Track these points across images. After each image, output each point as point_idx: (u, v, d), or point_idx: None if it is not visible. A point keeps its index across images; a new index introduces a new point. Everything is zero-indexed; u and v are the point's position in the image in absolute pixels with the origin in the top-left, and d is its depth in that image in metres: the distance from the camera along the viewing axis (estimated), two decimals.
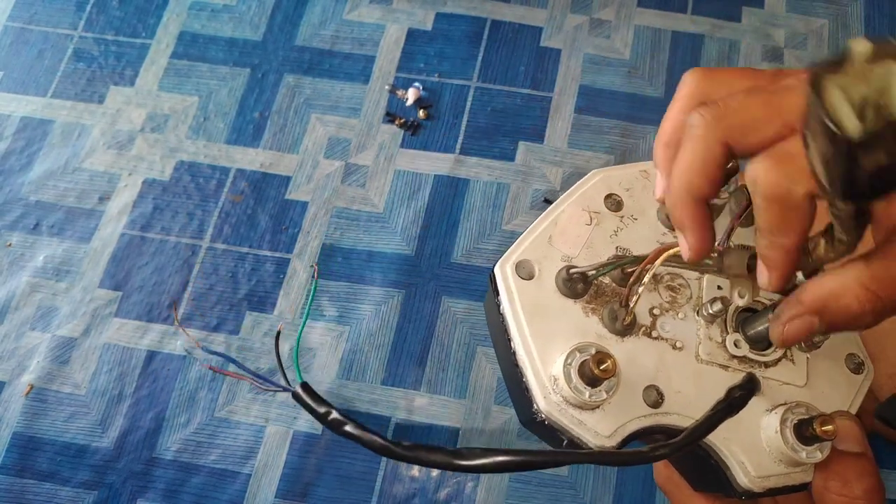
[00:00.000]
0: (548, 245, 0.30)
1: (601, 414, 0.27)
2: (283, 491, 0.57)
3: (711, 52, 0.73)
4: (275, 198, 0.67)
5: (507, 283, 0.29)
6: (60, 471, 0.58)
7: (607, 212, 0.31)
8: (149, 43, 0.74)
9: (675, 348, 0.29)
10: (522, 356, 0.27)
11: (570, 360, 0.26)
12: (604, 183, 0.32)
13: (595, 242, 0.30)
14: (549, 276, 0.29)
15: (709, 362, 0.29)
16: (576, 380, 0.26)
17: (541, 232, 0.30)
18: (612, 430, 0.26)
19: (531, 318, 0.28)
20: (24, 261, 0.66)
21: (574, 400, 0.26)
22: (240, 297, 0.64)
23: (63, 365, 0.62)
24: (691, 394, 0.28)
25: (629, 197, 0.32)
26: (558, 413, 0.26)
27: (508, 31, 0.74)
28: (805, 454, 0.27)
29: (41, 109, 0.72)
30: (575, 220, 0.30)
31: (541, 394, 0.27)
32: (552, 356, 0.27)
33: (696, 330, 0.29)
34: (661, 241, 0.31)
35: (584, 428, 0.26)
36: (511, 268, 0.29)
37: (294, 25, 0.75)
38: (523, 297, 0.28)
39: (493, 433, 0.59)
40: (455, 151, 0.69)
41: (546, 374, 0.27)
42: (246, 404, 0.60)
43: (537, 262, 0.29)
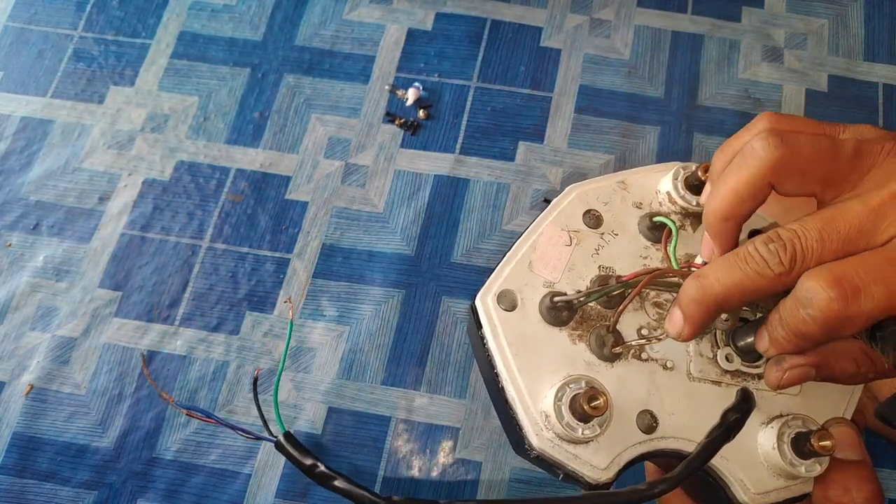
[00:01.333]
0: (528, 272, 0.29)
1: (596, 446, 0.26)
2: (283, 491, 0.58)
3: (711, 53, 0.73)
4: (275, 198, 0.67)
5: (490, 316, 0.28)
6: (60, 471, 0.58)
7: (587, 229, 0.30)
8: (149, 43, 0.74)
9: (665, 368, 0.28)
10: (511, 393, 0.26)
11: (560, 396, 0.25)
12: (580, 199, 0.30)
13: (576, 263, 0.29)
14: (532, 304, 0.28)
15: (701, 379, 0.28)
16: (567, 416, 0.25)
17: (520, 258, 0.29)
18: (608, 462, 0.26)
19: (517, 352, 0.27)
20: (24, 261, 0.66)
21: (566, 436, 0.25)
22: (240, 297, 0.64)
23: (63, 365, 0.62)
24: (685, 414, 0.27)
25: (608, 211, 0.31)
26: (551, 450, 0.26)
27: (508, 31, 0.74)
28: (804, 468, 0.26)
29: (41, 109, 0.72)
30: (554, 241, 0.29)
31: (532, 431, 0.26)
32: (542, 390, 0.26)
33: (685, 347, 0.29)
34: (643, 255, 0.30)
35: (580, 462, 0.26)
36: (493, 299, 0.28)
37: (294, 25, 0.75)
38: (507, 329, 0.27)
39: (493, 432, 0.59)
40: (455, 151, 0.69)
41: (537, 411, 0.26)
42: (246, 404, 0.60)
43: (519, 291, 0.28)
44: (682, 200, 0.30)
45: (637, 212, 0.31)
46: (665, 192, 0.31)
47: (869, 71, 0.72)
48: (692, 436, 0.27)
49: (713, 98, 0.71)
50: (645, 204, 0.31)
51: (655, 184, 0.31)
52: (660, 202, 0.31)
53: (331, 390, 0.60)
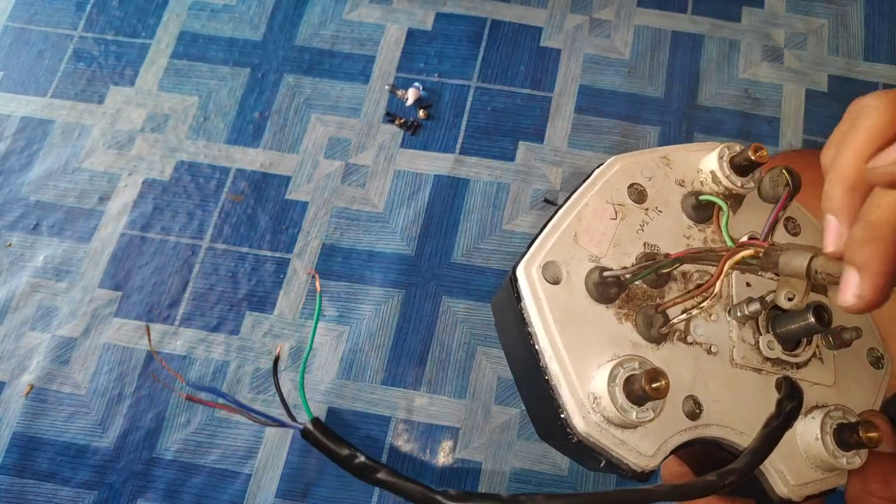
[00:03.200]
0: (573, 244, 0.27)
1: (643, 432, 0.24)
2: (283, 491, 0.57)
3: (711, 52, 0.73)
4: (275, 198, 0.67)
5: (535, 289, 0.25)
6: (61, 471, 0.58)
7: (632, 204, 0.28)
8: (149, 43, 0.74)
9: (709, 353, 0.27)
10: (556, 372, 0.24)
11: (614, 377, 0.23)
12: (625, 171, 0.29)
13: (622, 239, 0.27)
14: (577, 279, 0.26)
15: (743, 366, 0.27)
16: (621, 399, 0.23)
17: (565, 229, 0.27)
18: (654, 449, 0.24)
19: (563, 329, 0.25)
20: (24, 261, 0.66)
21: (618, 420, 0.24)
22: (240, 296, 0.64)
23: (63, 365, 0.62)
24: (728, 401, 0.26)
25: (651, 186, 0.29)
26: (598, 434, 0.24)
27: (508, 31, 0.74)
28: (845, 460, 0.26)
29: (41, 109, 0.72)
30: (599, 214, 0.27)
31: (579, 414, 0.24)
32: (589, 371, 0.24)
33: (728, 332, 0.27)
34: (686, 234, 0.28)
35: (626, 448, 0.24)
36: (537, 271, 0.26)
37: (294, 25, 0.75)
38: (553, 304, 0.25)
39: (493, 432, 0.59)
40: (455, 151, 0.69)
41: (584, 392, 0.24)
42: (247, 404, 0.60)
43: (564, 264, 0.26)
44: (728, 181, 0.28)
45: (679, 189, 0.29)
46: (709, 171, 0.29)
47: (869, 71, 0.72)
48: (735, 424, 0.26)
49: (713, 98, 0.71)
50: (687, 182, 0.30)
51: (697, 162, 0.30)
52: (701, 181, 0.29)
53: (331, 390, 0.60)
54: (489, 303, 0.63)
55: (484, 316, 0.63)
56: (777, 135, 0.69)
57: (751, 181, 0.28)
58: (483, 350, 0.61)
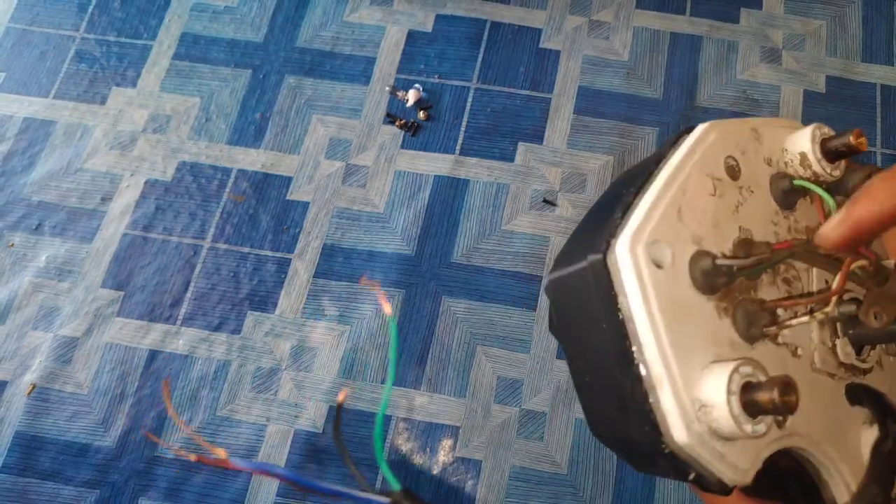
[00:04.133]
0: (677, 222, 0.23)
1: (742, 443, 0.21)
2: (284, 490, 0.58)
3: (710, 54, 0.73)
4: (276, 198, 0.68)
5: (640, 271, 0.21)
6: (63, 470, 0.59)
7: (728, 179, 0.25)
8: (151, 44, 0.75)
9: (794, 355, 0.24)
10: (658, 372, 0.21)
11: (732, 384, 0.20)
12: (722, 142, 0.25)
13: (720, 220, 0.24)
14: (681, 263, 0.22)
15: (821, 371, 0.25)
16: (738, 410, 0.20)
17: (668, 204, 0.23)
18: (750, 462, 0.22)
19: (669, 322, 0.21)
20: (27, 261, 0.66)
21: (728, 432, 0.20)
22: (241, 296, 0.64)
23: (65, 364, 0.62)
24: (810, 409, 0.24)
25: (745, 162, 0.25)
26: (700, 446, 0.20)
27: (508, 33, 0.74)
28: None
29: (43, 110, 0.72)
30: (700, 188, 0.24)
31: (682, 423, 0.20)
32: (692, 374, 0.21)
33: (809, 333, 0.25)
34: (774, 220, 0.25)
35: (725, 462, 0.21)
36: (644, 250, 0.22)
37: (295, 27, 0.75)
38: (659, 291, 0.21)
39: (493, 431, 0.59)
40: (455, 152, 0.69)
41: (689, 397, 0.21)
42: (247, 403, 0.60)
43: (669, 244, 0.22)
44: (818, 165, 0.26)
45: (768, 169, 0.26)
46: (798, 152, 0.26)
47: (867, 72, 0.72)
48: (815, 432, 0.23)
49: (712, 99, 0.71)
50: (773, 161, 0.26)
51: (783, 140, 0.27)
52: (786, 161, 0.26)
53: (332, 389, 0.61)
54: (489, 302, 0.64)
55: (484, 316, 0.63)
56: None
57: (837, 169, 0.26)
58: (483, 349, 0.62)
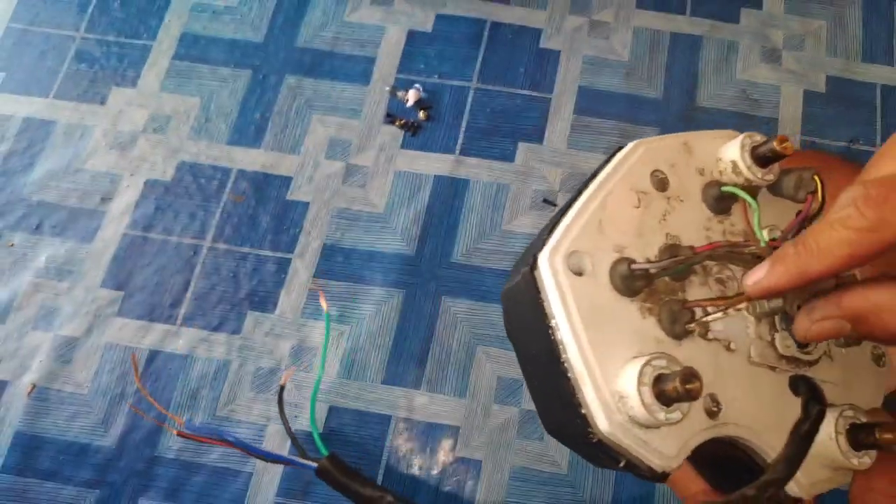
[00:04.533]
0: (598, 233, 0.25)
1: (665, 431, 0.23)
2: (284, 489, 0.58)
3: (710, 54, 0.73)
4: (276, 198, 0.68)
5: (559, 280, 0.24)
6: (62, 470, 0.59)
7: (654, 192, 0.27)
8: (150, 44, 0.75)
9: (728, 350, 0.26)
10: (580, 369, 0.23)
11: (644, 375, 0.22)
12: (648, 157, 0.27)
13: (644, 229, 0.26)
14: (601, 270, 0.25)
15: (759, 364, 0.26)
16: (650, 399, 0.22)
17: (590, 217, 0.25)
18: (677, 450, 0.23)
19: (588, 323, 0.23)
20: (27, 261, 0.66)
21: (644, 420, 0.22)
22: (241, 296, 0.64)
23: (65, 364, 0.62)
24: (745, 400, 0.25)
25: (673, 174, 0.27)
26: (622, 434, 0.23)
27: (508, 33, 0.74)
28: (857, 460, 0.25)
29: (43, 110, 0.72)
30: (623, 202, 0.26)
31: (603, 414, 0.23)
32: (613, 368, 0.23)
33: (745, 328, 0.27)
34: (706, 226, 0.27)
35: (649, 449, 0.23)
36: (562, 261, 0.24)
37: (295, 27, 0.75)
38: (578, 297, 0.24)
39: (493, 431, 0.59)
40: (455, 152, 0.69)
41: (609, 391, 0.23)
42: (247, 403, 0.60)
43: (589, 254, 0.24)
44: (749, 172, 0.27)
45: (700, 179, 0.28)
46: (730, 160, 0.28)
47: (867, 72, 0.72)
48: (752, 422, 0.25)
49: (711, 99, 0.71)
50: (706, 171, 0.28)
51: (717, 150, 0.29)
52: (720, 170, 0.28)
53: (331, 389, 0.61)
54: (489, 302, 0.64)
55: (484, 316, 0.63)
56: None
57: (770, 173, 0.28)
58: (483, 350, 0.62)
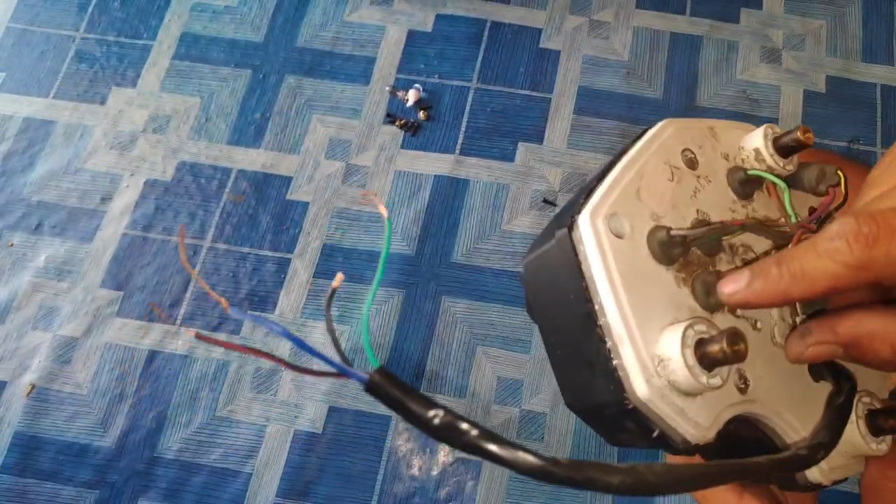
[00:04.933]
0: (636, 199, 0.25)
1: (701, 401, 0.23)
2: (284, 490, 0.58)
3: (710, 54, 0.73)
4: (276, 198, 0.68)
5: (600, 240, 0.24)
6: (62, 470, 0.59)
7: (685, 169, 0.27)
8: (150, 44, 0.75)
9: (754, 329, 0.26)
10: (619, 332, 0.23)
11: (686, 338, 0.22)
12: (679, 136, 0.28)
13: (678, 202, 0.26)
14: (640, 235, 0.25)
15: (782, 345, 0.26)
16: (692, 361, 0.22)
17: (627, 183, 0.26)
18: (711, 420, 0.23)
19: (629, 286, 0.23)
20: (26, 261, 0.66)
21: (685, 386, 0.22)
22: (241, 296, 0.64)
23: (65, 365, 0.62)
24: (771, 379, 0.26)
25: (701, 155, 0.28)
26: (660, 399, 0.22)
27: (508, 33, 0.74)
28: (875, 445, 0.25)
29: (43, 110, 0.72)
30: (659, 173, 0.26)
31: (643, 377, 0.22)
32: (652, 332, 0.23)
33: (769, 310, 0.27)
34: (731, 208, 0.28)
35: (685, 418, 0.22)
36: (603, 221, 0.24)
37: (295, 27, 0.75)
38: (619, 258, 0.24)
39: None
40: (455, 152, 0.69)
41: (648, 354, 0.23)
42: (247, 403, 0.60)
43: (628, 218, 0.25)
44: (771, 160, 0.29)
45: (725, 163, 0.29)
46: (753, 148, 0.29)
47: (867, 72, 0.72)
48: (776, 403, 0.25)
49: (711, 99, 0.71)
50: (731, 157, 0.29)
51: (739, 139, 0.30)
52: (743, 158, 0.29)
53: (332, 389, 0.61)
54: (489, 302, 0.64)
55: (484, 316, 0.63)
56: None
57: (790, 164, 0.28)
58: (483, 350, 0.62)
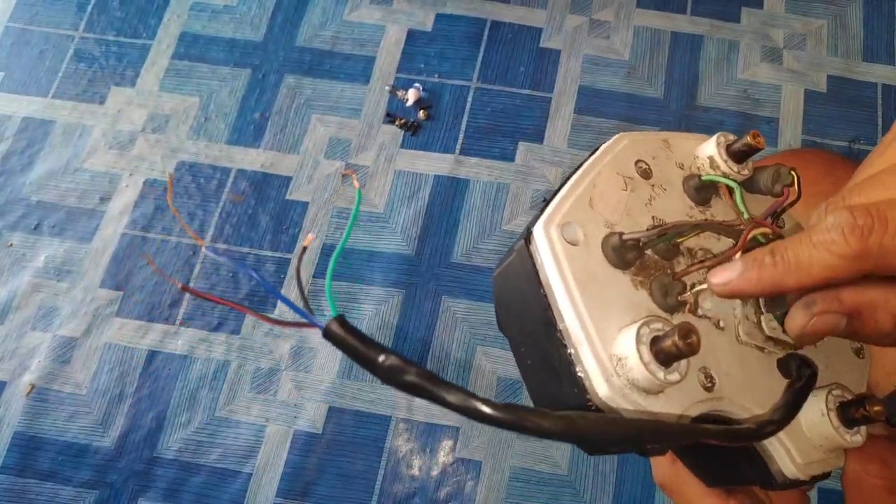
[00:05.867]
0: (589, 209, 0.27)
1: (665, 399, 0.24)
2: (283, 490, 0.58)
3: (710, 53, 0.73)
4: (275, 198, 0.68)
5: (554, 248, 0.25)
6: (62, 470, 0.59)
7: (639, 178, 0.29)
8: (150, 43, 0.75)
9: (717, 328, 0.27)
10: (577, 335, 0.24)
11: (641, 336, 0.23)
12: (633, 147, 0.29)
13: (633, 210, 0.28)
14: (594, 242, 0.26)
15: (748, 343, 0.27)
16: (648, 357, 0.23)
17: (581, 193, 0.27)
18: (675, 418, 0.24)
19: (584, 290, 0.24)
20: (26, 261, 0.66)
21: (644, 382, 0.23)
22: (240, 296, 0.64)
23: (64, 365, 0.62)
24: (738, 376, 0.26)
25: (655, 165, 0.29)
26: (621, 398, 0.23)
27: (508, 32, 0.74)
28: (849, 437, 0.26)
29: (42, 110, 0.72)
30: (612, 183, 0.28)
31: (602, 377, 0.23)
32: (610, 333, 0.24)
33: (733, 309, 0.28)
34: (689, 214, 0.29)
35: (648, 416, 0.23)
36: (556, 230, 0.25)
37: (294, 26, 0.75)
38: (573, 264, 0.25)
39: (493, 431, 0.59)
40: (455, 152, 0.69)
41: (607, 354, 0.23)
42: (247, 404, 0.60)
43: (581, 226, 0.26)
44: (725, 166, 0.30)
45: (680, 172, 0.30)
46: (707, 156, 0.30)
47: (868, 71, 0.72)
48: (745, 399, 0.26)
49: (712, 98, 0.71)
50: (686, 166, 0.31)
51: (694, 149, 0.31)
52: (699, 166, 0.31)
53: (331, 390, 0.60)
54: (489, 302, 0.63)
55: (484, 316, 0.63)
56: (776, 135, 0.69)
57: (745, 168, 0.29)
58: (483, 350, 0.62)
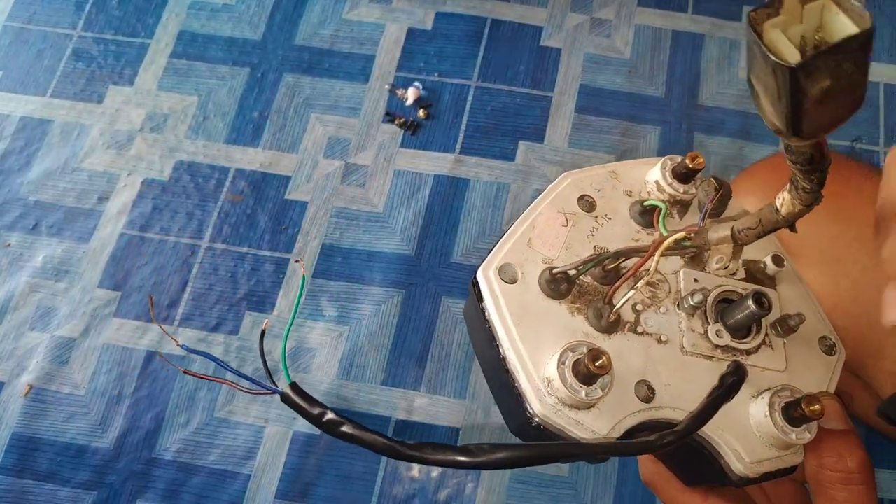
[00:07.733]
0: (527, 248, 0.30)
1: (597, 412, 0.27)
2: (282, 491, 0.57)
3: (712, 52, 0.73)
4: (274, 197, 0.67)
5: (492, 288, 0.29)
6: (60, 471, 0.58)
7: (582, 212, 0.32)
8: (148, 42, 0.74)
9: (660, 342, 0.29)
10: (513, 361, 0.27)
11: (563, 360, 0.26)
12: (575, 185, 0.32)
13: (573, 243, 0.31)
14: (532, 278, 0.29)
15: (693, 353, 0.29)
16: (571, 379, 0.26)
17: (519, 236, 0.30)
18: (609, 428, 0.27)
19: (519, 322, 0.28)
20: (23, 261, 0.65)
21: (570, 400, 0.26)
22: (239, 297, 0.64)
23: (62, 365, 0.62)
24: (680, 386, 0.29)
25: (601, 197, 0.32)
26: (554, 415, 0.26)
27: (508, 31, 0.74)
28: (795, 435, 0.28)
29: (40, 109, 0.72)
30: (552, 222, 0.31)
31: (535, 397, 0.27)
32: (543, 359, 0.27)
33: (678, 323, 0.30)
34: (635, 238, 0.32)
35: (582, 428, 0.26)
36: (494, 272, 0.29)
37: (293, 25, 0.75)
38: (509, 301, 0.29)
39: (493, 432, 0.59)
40: (455, 151, 0.69)
41: (539, 377, 0.27)
42: (245, 404, 0.60)
43: (519, 266, 0.30)
44: (670, 188, 0.32)
45: (628, 199, 0.33)
46: (654, 181, 0.32)
47: (869, 71, 0.72)
48: (687, 406, 0.28)
49: (714, 97, 0.71)
50: (634, 192, 0.33)
51: (644, 175, 0.33)
52: (648, 191, 0.33)
53: (330, 390, 0.60)
54: None
55: None
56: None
57: (692, 188, 0.32)
58: None
